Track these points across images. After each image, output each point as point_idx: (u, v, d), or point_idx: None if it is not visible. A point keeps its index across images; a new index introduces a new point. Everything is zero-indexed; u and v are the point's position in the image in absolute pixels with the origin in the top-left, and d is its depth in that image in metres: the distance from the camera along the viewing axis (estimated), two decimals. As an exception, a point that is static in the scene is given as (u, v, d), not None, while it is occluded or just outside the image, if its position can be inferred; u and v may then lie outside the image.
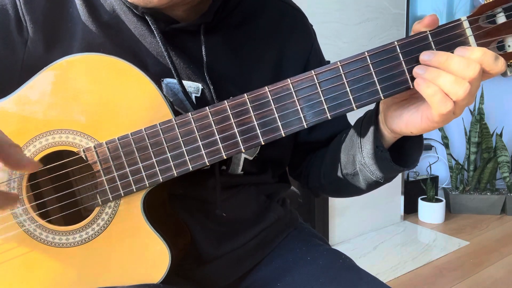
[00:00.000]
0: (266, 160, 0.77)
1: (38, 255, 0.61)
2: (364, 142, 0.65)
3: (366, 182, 0.69)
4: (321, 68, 0.54)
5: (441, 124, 0.54)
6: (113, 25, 0.67)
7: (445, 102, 0.50)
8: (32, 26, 0.64)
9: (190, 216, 0.70)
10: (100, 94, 0.59)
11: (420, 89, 0.52)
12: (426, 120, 0.54)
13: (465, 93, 0.49)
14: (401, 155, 0.66)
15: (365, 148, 0.65)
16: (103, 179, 0.59)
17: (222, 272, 0.75)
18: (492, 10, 0.50)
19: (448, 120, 0.53)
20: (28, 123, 0.60)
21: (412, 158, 0.65)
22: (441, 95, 0.50)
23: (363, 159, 0.66)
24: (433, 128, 0.56)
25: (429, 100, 0.51)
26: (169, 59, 0.64)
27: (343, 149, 0.72)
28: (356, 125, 0.69)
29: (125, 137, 0.58)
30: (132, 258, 0.60)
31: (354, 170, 0.69)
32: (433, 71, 0.51)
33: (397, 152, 0.65)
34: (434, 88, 0.50)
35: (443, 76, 0.50)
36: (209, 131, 0.57)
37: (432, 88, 0.51)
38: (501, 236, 2.56)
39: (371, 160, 0.64)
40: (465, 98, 0.50)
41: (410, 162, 0.65)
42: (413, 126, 0.57)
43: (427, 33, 0.52)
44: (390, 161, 0.63)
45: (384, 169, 0.65)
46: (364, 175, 0.68)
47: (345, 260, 0.74)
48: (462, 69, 0.49)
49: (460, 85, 0.49)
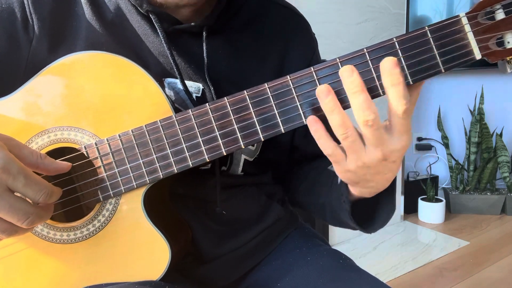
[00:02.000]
0: (266, 161, 0.77)
1: (39, 251, 0.61)
2: (334, 185, 0.66)
3: (333, 219, 0.72)
4: (321, 65, 0.54)
5: (339, 169, 0.55)
6: (116, 23, 0.67)
7: (326, 143, 0.53)
8: (39, 25, 0.65)
9: (191, 216, 0.70)
10: (101, 91, 0.60)
11: (308, 125, 0.54)
12: None
13: (340, 136, 0.51)
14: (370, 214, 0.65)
15: (333, 192, 0.66)
16: (104, 176, 0.60)
17: (223, 272, 0.75)
18: (491, 7, 0.50)
19: (342, 164, 0.54)
20: (31, 121, 0.60)
21: (377, 223, 0.65)
22: (324, 138, 0.53)
23: (331, 201, 0.67)
24: (343, 173, 0.56)
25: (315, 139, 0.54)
26: (171, 59, 0.65)
27: (320, 180, 0.74)
28: None
29: (126, 134, 0.59)
30: (133, 254, 0.61)
31: (323, 203, 0.71)
32: (329, 106, 0.51)
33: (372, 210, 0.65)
34: (320, 128, 0.53)
35: (334, 115, 0.51)
36: (209, 127, 0.57)
37: (316, 127, 0.53)
38: (501, 236, 2.55)
39: (336, 204, 0.65)
40: (345, 141, 0.51)
41: (372, 227, 0.65)
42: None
43: (426, 30, 0.52)
44: (348, 214, 0.62)
45: (345, 218, 0.64)
46: (331, 213, 0.70)
47: (345, 260, 0.75)
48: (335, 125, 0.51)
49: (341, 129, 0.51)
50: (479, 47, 0.52)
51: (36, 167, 0.54)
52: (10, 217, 0.49)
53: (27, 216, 0.50)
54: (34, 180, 0.50)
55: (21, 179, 0.49)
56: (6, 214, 0.49)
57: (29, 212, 0.50)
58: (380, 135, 0.50)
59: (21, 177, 0.49)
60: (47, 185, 0.51)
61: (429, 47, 0.52)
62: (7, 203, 0.48)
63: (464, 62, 0.52)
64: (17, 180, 0.48)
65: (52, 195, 0.52)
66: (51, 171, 0.55)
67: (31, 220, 0.50)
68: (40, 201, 0.51)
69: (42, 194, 0.50)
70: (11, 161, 0.48)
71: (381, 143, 0.50)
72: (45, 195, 0.51)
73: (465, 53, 0.52)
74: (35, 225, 0.52)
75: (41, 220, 0.52)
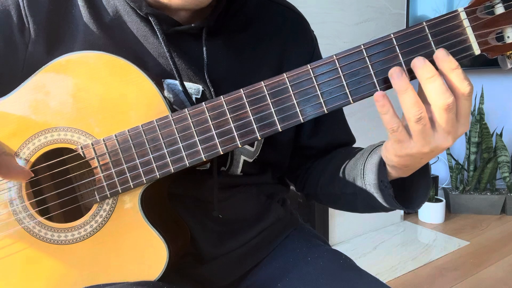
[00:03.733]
0: (266, 162, 0.77)
1: (37, 252, 0.61)
2: (367, 170, 0.65)
3: (364, 206, 0.70)
4: (317, 62, 0.54)
5: (401, 152, 0.54)
6: (115, 26, 0.67)
7: (392, 119, 0.52)
8: (35, 28, 0.65)
9: (190, 216, 0.70)
10: (97, 91, 0.59)
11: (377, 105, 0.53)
12: (389, 142, 0.55)
13: (415, 117, 0.50)
14: (405, 192, 0.65)
15: (368, 176, 0.64)
16: (100, 176, 0.59)
17: (222, 272, 0.75)
18: (491, 1, 0.50)
19: (405, 146, 0.53)
20: (27, 121, 0.60)
21: (416, 202, 0.64)
22: (390, 115, 0.52)
23: (365, 186, 0.65)
24: (400, 157, 0.55)
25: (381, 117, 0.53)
26: (171, 60, 0.65)
27: (345, 168, 0.72)
28: (366, 150, 0.68)
29: (122, 134, 0.59)
30: (130, 254, 0.60)
31: (353, 191, 0.69)
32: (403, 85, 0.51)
33: (402, 190, 0.65)
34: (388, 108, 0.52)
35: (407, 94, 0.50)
36: (206, 126, 0.57)
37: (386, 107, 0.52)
38: (501, 236, 2.55)
39: (372, 189, 0.64)
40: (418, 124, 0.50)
41: (414, 204, 0.64)
42: (386, 150, 0.58)
43: (423, 25, 0.51)
44: (392, 198, 0.62)
45: (384, 202, 0.64)
46: (363, 199, 0.68)
47: (345, 260, 0.74)
48: (435, 96, 0.50)
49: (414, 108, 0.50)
50: (478, 42, 0.51)
51: None
52: None
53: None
54: None
55: None
56: None
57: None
58: (454, 121, 0.50)
59: None
60: None
61: (427, 43, 0.52)
62: None
63: (463, 58, 0.52)
64: None
65: None
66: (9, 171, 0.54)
67: None
68: None
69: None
70: None
71: (454, 130, 0.51)
72: None
73: (464, 48, 0.52)
74: None
75: None
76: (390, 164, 0.59)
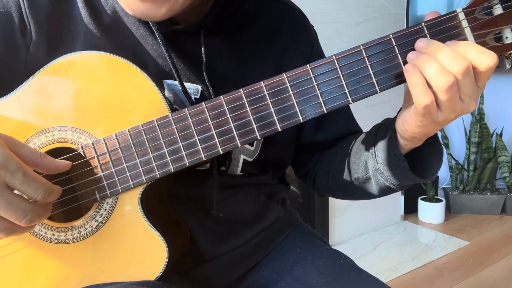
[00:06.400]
0: (266, 162, 0.77)
1: (37, 251, 0.61)
2: (378, 147, 0.64)
3: (379, 187, 0.69)
4: (316, 62, 0.54)
5: (428, 121, 0.54)
6: (114, 27, 0.67)
7: (425, 94, 0.51)
8: (36, 29, 0.65)
9: (190, 216, 0.70)
10: (98, 91, 0.59)
11: (407, 77, 0.52)
12: (413, 114, 0.55)
13: (447, 85, 0.49)
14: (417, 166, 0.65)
15: (380, 154, 0.64)
16: (101, 175, 0.59)
17: (222, 271, 0.75)
18: (489, 2, 0.50)
19: (433, 116, 0.53)
20: (28, 121, 0.60)
21: (431, 170, 0.65)
22: (423, 86, 0.51)
23: (377, 165, 0.65)
24: (423, 127, 0.55)
25: (412, 90, 0.52)
26: (170, 60, 0.64)
27: (354, 153, 0.71)
28: (372, 130, 0.68)
29: (122, 133, 0.59)
30: (130, 254, 0.60)
31: (366, 175, 0.69)
32: (424, 57, 0.50)
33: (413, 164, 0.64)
34: (419, 78, 0.51)
35: (431, 64, 0.50)
36: (206, 126, 0.57)
37: (417, 78, 0.51)
38: (501, 236, 2.55)
39: (386, 166, 0.64)
40: (448, 92, 0.50)
41: (429, 174, 0.64)
42: (406, 122, 0.57)
43: (422, 25, 0.52)
44: (408, 170, 0.62)
45: (400, 177, 0.64)
46: (377, 180, 0.67)
47: (345, 260, 0.74)
48: (448, 60, 0.49)
49: (443, 76, 0.49)
50: (476, 42, 0.51)
51: (36, 166, 0.53)
52: (8, 214, 0.48)
53: (25, 214, 0.49)
54: (32, 178, 0.49)
55: (20, 176, 0.48)
56: (5, 212, 0.48)
57: (28, 210, 0.49)
58: (474, 84, 0.51)
59: (20, 174, 0.48)
60: (45, 183, 0.51)
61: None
62: (5, 200, 0.48)
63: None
64: (15, 177, 0.48)
65: (51, 193, 0.51)
66: (51, 170, 0.55)
67: (30, 218, 0.49)
68: (38, 199, 0.50)
69: (40, 192, 0.50)
70: (9, 158, 0.48)
71: (476, 93, 0.52)
72: (44, 192, 0.50)
73: (463, 48, 0.52)
74: (34, 223, 0.51)
75: (39, 218, 0.51)
76: (408, 137, 0.59)
